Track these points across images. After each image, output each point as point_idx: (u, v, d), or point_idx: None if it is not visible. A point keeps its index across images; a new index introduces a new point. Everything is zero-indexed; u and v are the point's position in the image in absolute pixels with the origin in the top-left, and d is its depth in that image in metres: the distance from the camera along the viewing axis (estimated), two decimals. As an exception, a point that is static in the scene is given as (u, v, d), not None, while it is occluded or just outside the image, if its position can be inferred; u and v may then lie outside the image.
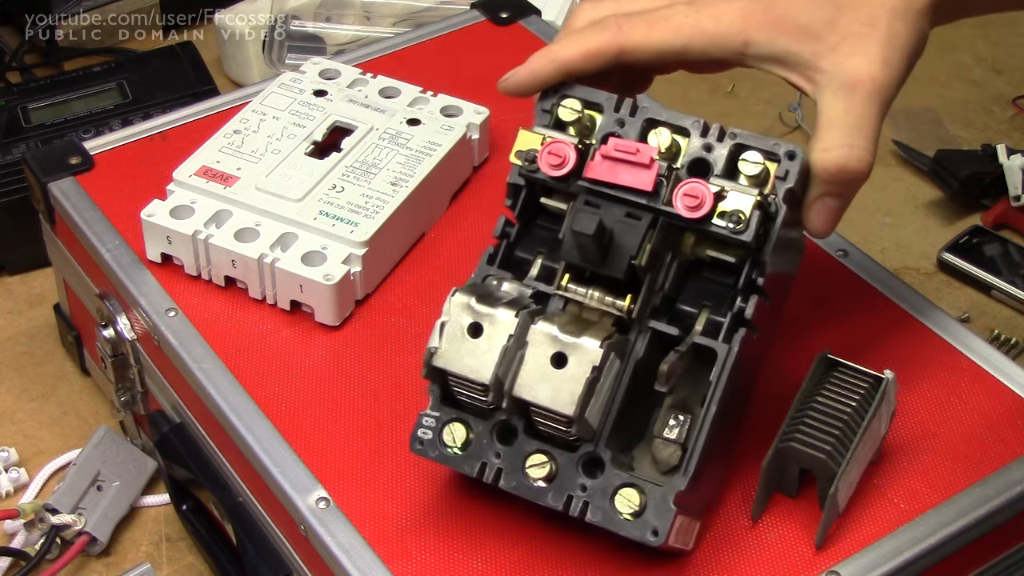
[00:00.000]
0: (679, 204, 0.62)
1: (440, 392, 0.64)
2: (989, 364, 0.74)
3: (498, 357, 0.61)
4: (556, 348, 0.60)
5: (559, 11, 1.19)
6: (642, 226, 0.62)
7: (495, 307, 0.62)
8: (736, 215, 0.62)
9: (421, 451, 0.64)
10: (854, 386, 0.67)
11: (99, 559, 0.83)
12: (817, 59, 0.64)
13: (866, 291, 0.79)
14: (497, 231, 0.67)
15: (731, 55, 0.65)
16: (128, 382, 0.85)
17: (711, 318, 0.65)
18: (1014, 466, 0.69)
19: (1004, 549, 0.70)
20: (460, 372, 0.62)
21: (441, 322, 0.62)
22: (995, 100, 1.23)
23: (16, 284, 1.02)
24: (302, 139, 0.84)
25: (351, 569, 0.64)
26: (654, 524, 0.60)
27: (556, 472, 0.62)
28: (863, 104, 0.63)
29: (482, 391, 0.62)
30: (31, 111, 1.04)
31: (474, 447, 0.63)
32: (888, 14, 0.64)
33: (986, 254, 1.05)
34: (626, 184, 0.63)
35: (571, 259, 0.63)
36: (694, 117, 0.65)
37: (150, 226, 0.79)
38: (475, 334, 0.62)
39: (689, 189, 0.62)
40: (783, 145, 0.63)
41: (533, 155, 0.65)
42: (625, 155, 0.63)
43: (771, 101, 1.21)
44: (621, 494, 0.61)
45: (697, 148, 0.64)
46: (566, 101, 0.66)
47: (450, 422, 0.63)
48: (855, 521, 0.66)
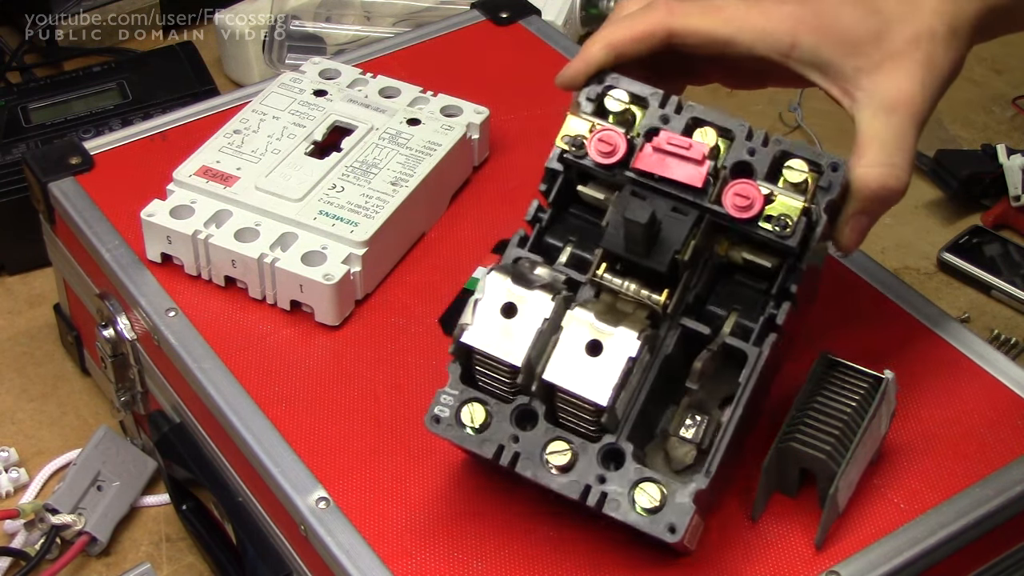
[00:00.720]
0: (729, 203, 0.62)
1: (461, 370, 0.63)
2: (989, 364, 0.74)
3: (532, 339, 0.61)
4: (592, 335, 0.60)
5: (559, 11, 1.19)
6: (688, 221, 0.62)
7: (531, 289, 0.62)
8: (783, 220, 0.62)
9: (438, 429, 0.63)
10: (854, 386, 0.67)
11: (99, 559, 0.83)
12: (858, 75, 0.65)
13: (866, 291, 0.79)
14: (529, 215, 0.67)
15: (776, 55, 0.66)
16: (128, 382, 0.85)
17: (740, 322, 0.65)
18: (1014, 466, 0.69)
19: (1004, 549, 0.70)
20: (492, 351, 0.61)
21: (475, 299, 0.62)
22: (995, 100, 1.23)
23: (16, 284, 1.02)
24: (302, 139, 0.84)
25: (351, 569, 0.64)
26: (672, 521, 0.60)
27: (575, 462, 0.61)
28: (903, 124, 0.64)
29: (510, 373, 0.62)
30: (31, 111, 1.04)
31: (492, 429, 0.62)
32: (930, 36, 0.65)
33: (986, 254, 1.05)
34: (676, 178, 0.63)
35: (614, 248, 0.63)
36: (739, 120, 0.65)
37: (150, 226, 0.79)
38: (509, 314, 0.62)
39: (740, 189, 0.62)
40: (827, 156, 0.63)
41: (581, 141, 0.65)
42: (678, 149, 0.63)
43: (771, 101, 1.21)
44: (641, 488, 0.60)
45: (741, 151, 0.64)
46: (613, 92, 0.66)
47: (469, 401, 0.63)
48: (855, 521, 0.66)
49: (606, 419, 0.60)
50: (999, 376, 0.74)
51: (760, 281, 0.65)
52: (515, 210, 0.84)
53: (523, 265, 0.65)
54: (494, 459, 0.62)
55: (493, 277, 0.62)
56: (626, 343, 0.60)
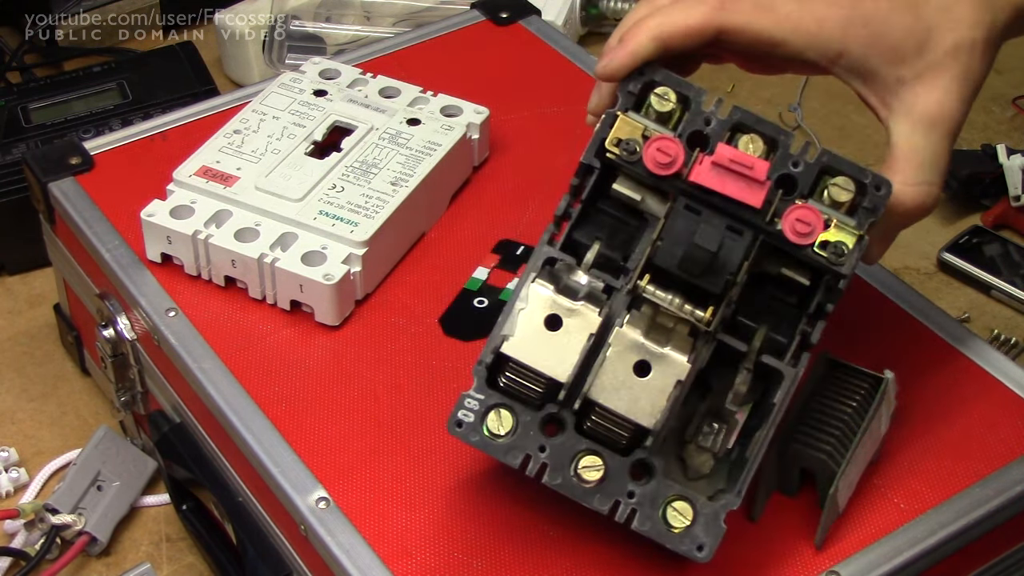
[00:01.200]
0: (789, 228, 0.61)
1: (487, 374, 0.62)
2: (989, 364, 0.74)
3: (579, 357, 0.60)
4: (640, 356, 0.59)
5: (559, 11, 1.19)
6: (744, 243, 0.61)
7: (575, 300, 0.60)
8: (840, 247, 0.61)
9: (461, 434, 0.61)
10: (854, 386, 0.67)
11: (99, 559, 0.83)
12: (899, 86, 0.64)
13: (866, 291, 0.79)
14: (560, 211, 0.64)
15: (824, 61, 0.65)
16: (128, 382, 0.85)
17: (770, 335, 0.63)
18: (1014, 466, 0.69)
19: (1004, 549, 0.70)
20: (535, 366, 0.60)
21: (518, 309, 0.61)
22: (995, 100, 1.23)
23: (16, 284, 1.02)
24: (302, 139, 0.84)
25: (351, 569, 0.64)
26: (702, 540, 0.59)
27: (606, 476, 0.60)
28: (940, 141, 0.64)
29: (546, 384, 0.60)
30: (31, 111, 1.04)
31: (519, 437, 0.61)
32: (970, 48, 0.64)
33: (986, 254, 1.05)
34: (735, 196, 0.61)
35: (668, 265, 0.61)
36: (786, 130, 0.63)
37: (150, 226, 0.79)
38: (553, 327, 0.60)
39: (801, 215, 0.61)
40: (870, 174, 0.62)
41: (635, 147, 0.62)
42: (740, 167, 0.61)
43: (771, 101, 1.21)
44: (673, 507, 0.60)
45: (785, 163, 0.62)
46: (659, 90, 0.63)
47: (496, 407, 0.61)
48: (855, 521, 0.66)
49: (651, 442, 0.59)
50: (999, 376, 0.74)
51: (791, 295, 0.64)
52: (515, 210, 0.84)
53: (559, 270, 0.63)
54: (520, 469, 0.61)
55: (536, 287, 0.61)
56: (675, 367, 0.59)
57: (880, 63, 0.64)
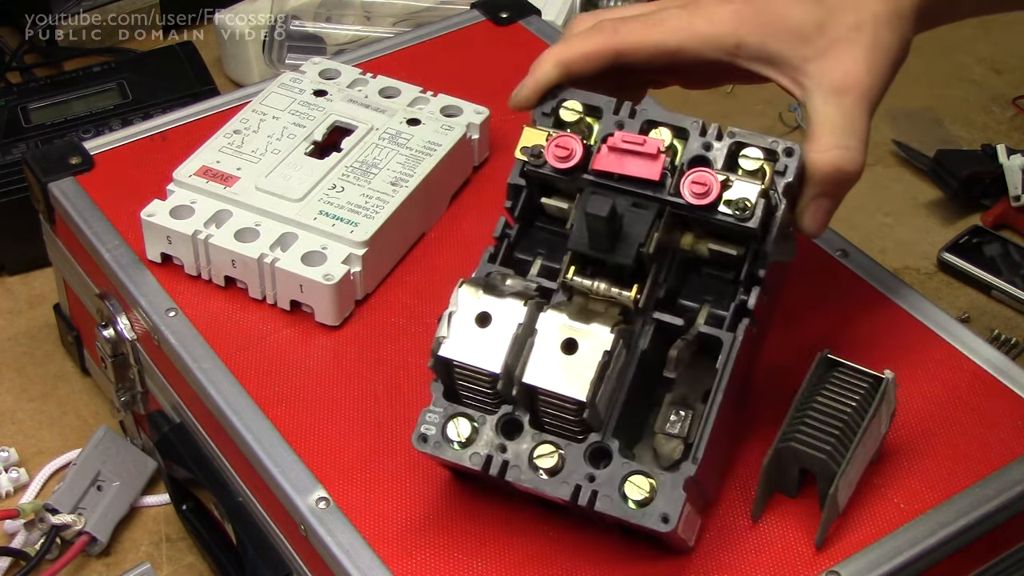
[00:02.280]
0: (686, 192, 0.63)
1: (443, 388, 0.64)
2: (989, 364, 0.74)
3: (508, 345, 0.61)
4: (566, 335, 0.61)
5: (559, 11, 1.19)
6: (650, 214, 0.63)
7: (503, 297, 0.62)
8: (742, 203, 0.63)
9: (425, 448, 0.63)
10: (854, 386, 0.67)
11: (99, 559, 0.83)
12: (805, 64, 0.66)
13: (866, 291, 0.79)
14: (497, 232, 0.68)
15: (724, 55, 0.67)
16: (128, 382, 0.85)
17: (712, 311, 0.66)
18: (1014, 466, 0.69)
19: (1004, 549, 0.70)
20: (469, 362, 0.62)
21: (449, 312, 0.63)
22: (995, 100, 1.23)
23: (16, 284, 1.02)
24: (302, 139, 0.84)
25: (351, 569, 0.64)
26: (664, 511, 0.60)
27: (563, 463, 0.62)
28: (854, 107, 0.65)
29: (490, 381, 0.62)
30: (31, 111, 1.04)
31: (479, 441, 0.63)
32: (873, 20, 0.66)
33: (986, 254, 1.05)
34: (633, 174, 0.64)
35: (580, 247, 0.63)
36: (693, 118, 0.66)
37: (150, 226, 0.79)
38: (483, 323, 0.62)
39: (697, 177, 0.63)
40: (781, 142, 0.64)
41: (539, 150, 0.66)
42: (632, 146, 0.64)
43: (771, 101, 1.21)
44: (631, 481, 0.60)
45: (697, 147, 0.65)
46: (567, 103, 0.67)
47: (454, 417, 0.63)
48: (855, 521, 0.66)
49: (588, 415, 0.61)
50: (999, 376, 0.73)
51: (728, 271, 0.66)
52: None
53: (494, 278, 0.66)
54: (483, 470, 0.62)
55: (464, 290, 0.63)
56: (600, 338, 0.61)
57: (781, 47, 0.66)
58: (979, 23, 1.31)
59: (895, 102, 1.22)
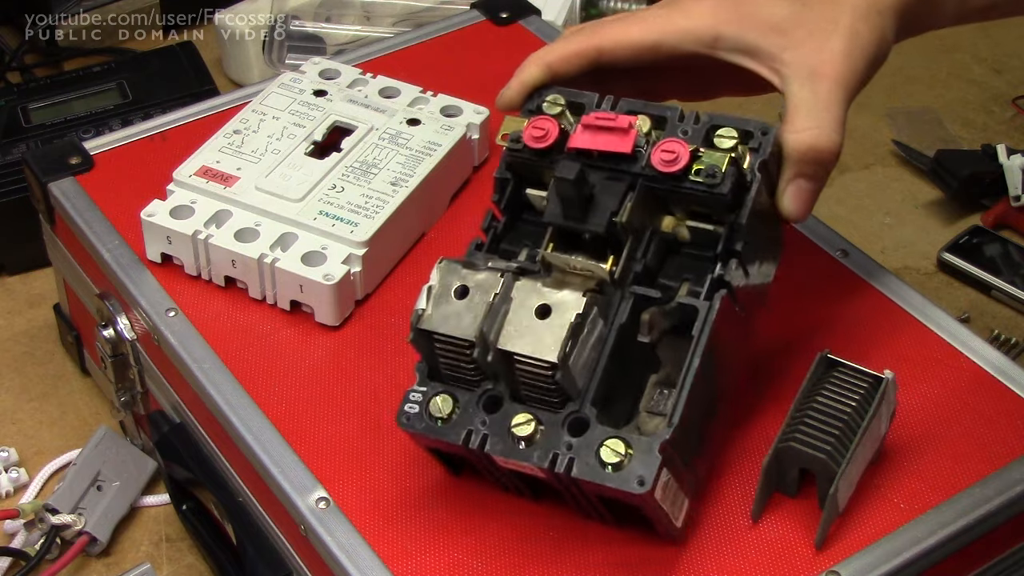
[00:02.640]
0: (656, 160, 0.65)
1: (427, 369, 0.65)
2: (989, 364, 0.74)
3: (483, 313, 0.62)
4: (540, 301, 0.62)
5: (559, 11, 1.19)
6: (622, 186, 0.65)
7: (480, 271, 0.64)
8: (711, 169, 0.64)
9: (408, 425, 0.64)
10: (854, 386, 0.67)
11: (99, 559, 0.83)
12: (782, 52, 0.68)
13: (866, 291, 0.79)
14: (484, 224, 0.69)
15: (703, 48, 0.69)
16: (128, 382, 0.85)
17: (692, 288, 0.66)
18: (1014, 466, 0.69)
19: (1004, 549, 0.70)
20: (447, 331, 0.63)
21: (428, 286, 0.64)
22: (995, 100, 1.23)
23: (16, 284, 1.02)
24: (302, 139, 0.84)
25: (351, 569, 0.64)
26: (640, 473, 0.60)
27: (540, 432, 0.62)
28: (828, 92, 0.67)
29: (467, 349, 0.63)
30: (31, 111, 1.04)
31: (460, 416, 0.63)
32: (851, 12, 0.68)
33: (986, 254, 1.05)
34: (605, 149, 0.65)
35: (554, 219, 0.65)
36: (671, 106, 0.68)
37: (150, 226, 0.79)
38: (461, 295, 0.63)
39: (665, 146, 0.65)
40: (755, 122, 0.66)
41: (517, 135, 0.68)
42: (604, 122, 0.66)
43: (770, 101, 1.20)
44: (606, 445, 0.61)
45: (674, 131, 0.67)
46: (550, 97, 0.69)
47: (436, 395, 0.64)
48: (855, 521, 0.66)
49: (560, 376, 0.61)
50: (999, 376, 0.73)
51: (708, 251, 0.67)
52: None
53: (475, 258, 0.67)
54: (464, 444, 0.62)
55: (444, 264, 0.64)
56: (571, 302, 0.62)
57: (758, 37, 0.68)
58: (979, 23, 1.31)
59: (895, 102, 1.22)
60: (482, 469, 0.66)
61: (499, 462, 0.63)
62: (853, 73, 0.67)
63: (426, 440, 0.64)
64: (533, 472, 0.62)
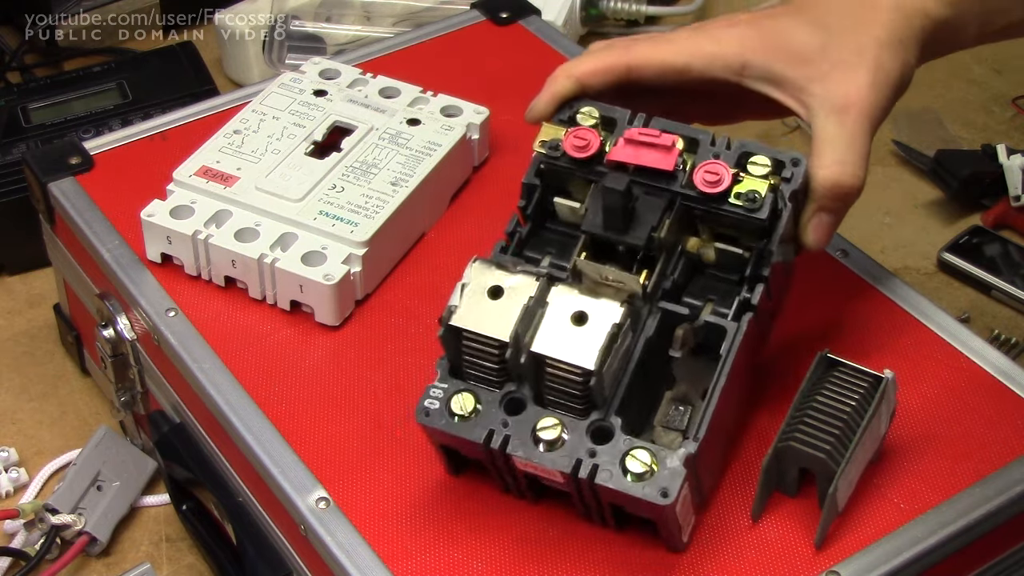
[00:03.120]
0: (699, 180, 0.66)
1: (449, 366, 0.64)
2: (989, 364, 0.74)
3: (519, 314, 0.62)
4: (577, 308, 0.62)
5: (559, 11, 1.19)
6: (662, 201, 0.66)
7: (514, 273, 0.64)
8: (752, 194, 0.65)
9: (427, 420, 0.63)
10: (854, 386, 0.67)
11: (99, 559, 0.83)
12: (809, 84, 0.68)
13: (866, 291, 0.79)
14: (509, 228, 0.69)
15: (730, 75, 0.70)
16: (128, 382, 0.85)
17: (716, 309, 0.67)
18: (1014, 466, 0.69)
19: (1004, 549, 0.70)
20: (479, 330, 0.63)
21: (461, 284, 0.64)
22: (995, 100, 1.23)
23: (16, 284, 1.02)
24: (302, 139, 0.84)
25: (351, 569, 0.64)
26: (663, 486, 0.60)
27: (565, 438, 0.62)
28: (855, 125, 0.67)
29: (498, 352, 0.63)
30: (31, 111, 1.04)
31: (482, 415, 0.63)
32: (875, 43, 0.68)
33: (986, 254, 1.05)
34: (648, 164, 0.66)
35: (594, 229, 0.66)
36: (703, 130, 0.68)
37: (150, 226, 0.79)
38: (495, 296, 0.63)
39: (710, 167, 0.66)
40: (787, 154, 0.66)
41: (556, 142, 0.68)
42: (648, 138, 0.66)
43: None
44: (632, 455, 0.61)
45: (707, 155, 0.67)
46: (584, 109, 0.69)
47: (458, 392, 0.64)
48: (855, 521, 0.66)
49: (594, 384, 0.61)
50: (999, 376, 0.73)
51: (733, 274, 0.68)
52: (515, 210, 0.84)
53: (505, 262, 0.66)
54: (484, 444, 0.62)
55: (478, 265, 0.64)
56: (610, 311, 0.62)
57: (785, 68, 0.69)
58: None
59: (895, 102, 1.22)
60: (491, 468, 0.65)
61: (518, 464, 0.63)
62: (878, 105, 0.68)
63: (444, 437, 0.64)
64: (551, 476, 0.62)
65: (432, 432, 0.64)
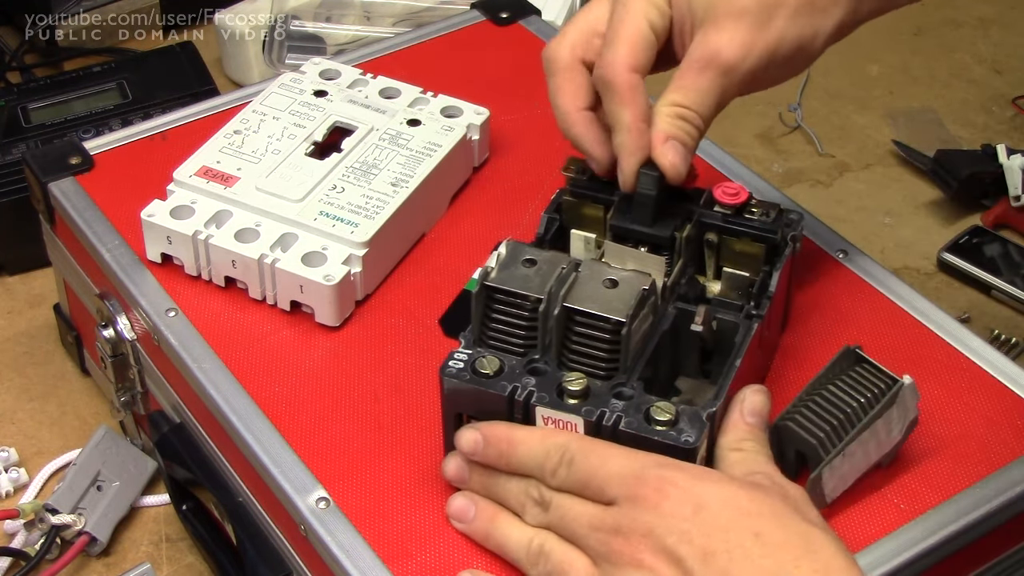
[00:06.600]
0: (719, 195, 0.70)
1: (473, 337, 0.66)
2: (989, 364, 0.74)
3: (555, 276, 0.65)
4: (610, 275, 0.65)
5: (559, 11, 1.19)
6: (683, 209, 0.70)
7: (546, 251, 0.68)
8: (766, 208, 0.70)
9: (452, 376, 0.64)
10: (869, 384, 0.67)
11: (99, 559, 0.83)
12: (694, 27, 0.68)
13: (866, 291, 0.79)
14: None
15: None
16: (128, 382, 0.85)
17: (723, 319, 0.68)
18: (1014, 466, 0.69)
19: (1004, 549, 0.70)
20: (515, 288, 0.65)
21: (496, 253, 0.66)
22: (995, 100, 1.23)
23: (16, 284, 1.02)
24: (302, 139, 0.84)
25: (351, 569, 0.64)
26: (687, 432, 0.61)
27: (590, 391, 0.63)
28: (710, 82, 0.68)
29: (530, 310, 0.64)
30: (31, 111, 1.04)
31: (506, 374, 0.64)
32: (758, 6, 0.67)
33: (986, 254, 1.05)
34: None
35: (621, 221, 0.70)
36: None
37: (150, 226, 0.79)
38: (529, 265, 0.66)
39: (727, 186, 0.71)
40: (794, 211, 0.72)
41: (583, 165, 0.72)
42: None
43: (771, 102, 1.21)
44: (656, 405, 0.62)
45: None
46: None
47: (482, 357, 0.65)
48: (855, 521, 0.66)
49: (624, 336, 0.63)
50: (999, 376, 0.73)
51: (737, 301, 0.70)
52: (516, 211, 0.84)
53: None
54: (509, 397, 0.63)
55: (511, 241, 0.67)
56: (642, 279, 0.65)
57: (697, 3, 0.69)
58: (979, 23, 1.32)
59: (895, 102, 1.22)
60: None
61: (541, 416, 0.63)
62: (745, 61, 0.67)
63: (466, 397, 0.64)
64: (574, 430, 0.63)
65: (452, 394, 0.65)
